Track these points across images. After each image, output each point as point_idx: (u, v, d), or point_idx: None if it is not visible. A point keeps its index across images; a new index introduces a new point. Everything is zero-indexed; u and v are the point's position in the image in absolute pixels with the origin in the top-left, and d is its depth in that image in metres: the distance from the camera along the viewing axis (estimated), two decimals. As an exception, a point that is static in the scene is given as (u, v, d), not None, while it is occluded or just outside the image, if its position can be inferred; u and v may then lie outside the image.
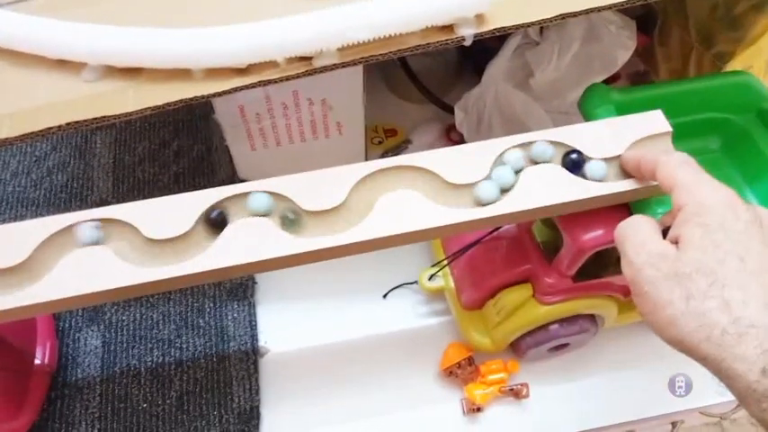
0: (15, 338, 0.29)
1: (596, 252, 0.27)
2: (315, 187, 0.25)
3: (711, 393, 0.33)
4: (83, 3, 0.28)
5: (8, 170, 0.39)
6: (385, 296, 0.36)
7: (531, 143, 0.25)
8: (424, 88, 0.41)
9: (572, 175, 0.25)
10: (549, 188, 0.25)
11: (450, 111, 0.42)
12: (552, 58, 0.40)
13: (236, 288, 0.35)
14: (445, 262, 0.33)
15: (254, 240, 0.24)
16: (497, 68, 0.40)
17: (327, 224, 0.24)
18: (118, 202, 0.25)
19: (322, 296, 0.36)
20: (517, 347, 0.32)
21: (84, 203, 0.37)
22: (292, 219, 0.24)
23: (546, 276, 0.29)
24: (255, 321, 0.34)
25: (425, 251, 0.37)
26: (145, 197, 0.24)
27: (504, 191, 0.25)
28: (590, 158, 0.25)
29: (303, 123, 0.35)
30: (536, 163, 0.25)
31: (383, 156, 0.41)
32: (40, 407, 0.29)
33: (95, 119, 0.25)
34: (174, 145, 0.40)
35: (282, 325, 0.34)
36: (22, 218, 0.35)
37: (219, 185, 0.25)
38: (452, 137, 0.42)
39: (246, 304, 0.34)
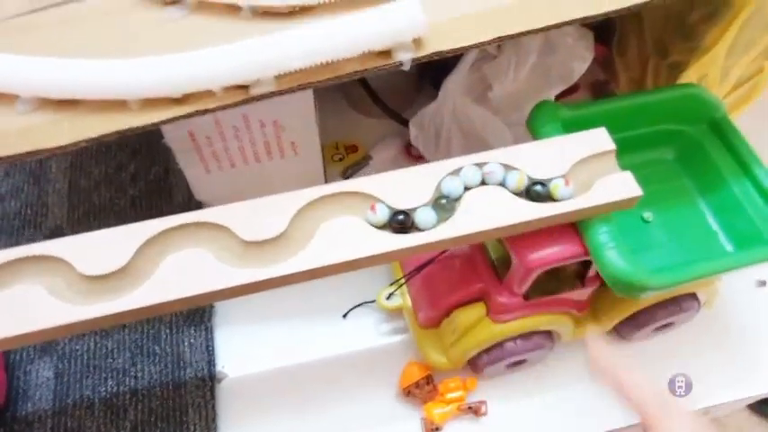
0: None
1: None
2: (255, 216, 0.24)
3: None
4: (15, 31, 0.28)
5: (-40, 198, 0.38)
6: (345, 316, 0.35)
7: (480, 164, 0.25)
8: (382, 104, 0.41)
9: (515, 198, 0.25)
10: (492, 211, 0.24)
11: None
12: (510, 71, 0.40)
13: (194, 313, 0.34)
14: (402, 281, 0.33)
15: (195, 272, 0.23)
16: (455, 83, 0.39)
17: (269, 254, 0.24)
18: (73, 228, 0.24)
19: (281, 318, 0.35)
20: (474, 365, 0.32)
21: (39, 230, 0.37)
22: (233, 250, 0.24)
23: (498, 295, 0.29)
24: (213, 346, 0.33)
25: (384, 270, 0.37)
26: (101, 222, 0.24)
27: (445, 216, 0.25)
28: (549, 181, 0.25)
29: (256, 144, 0.34)
30: (482, 185, 0.25)
31: (344, 172, 0.41)
32: (-12, 444, 0.29)
33: (28, 153, 0.25)
34: (131, 168, 0.39)
35: (241, 349, 0.34)
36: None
37: (177, 209, 0.25)
38: (413, 152, 0.41)
39: (204, 329, 0.34)
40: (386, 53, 0.25)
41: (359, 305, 0.35)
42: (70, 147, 0.25)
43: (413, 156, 0.41)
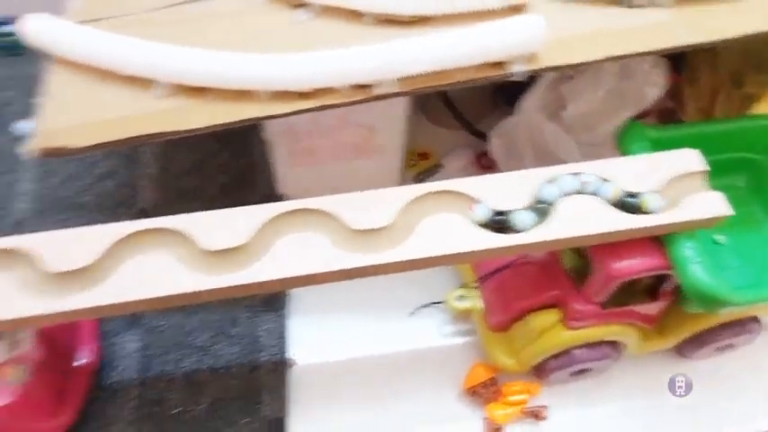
0: (61, 338, 0.31)
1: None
2: (363, 207, 0.26)
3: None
4: (153, 23, 0.30)
5: (59, 176, 0.40)
6: (412, 314, 0.37)
7: (576, 174, 0.27)
8: (459, 115, 0.43)
9: (610, 207, 0.26)
10: (587, 218, 0.26)
11: (482, 138, 0.44)
12: (586, 93, 0.41)
13: (270, 300, 0.36)
14: (474, 284, 0.35)
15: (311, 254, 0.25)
16: (532, 100, 0.41)
17: (375, 243, 0.26)
18: (161, 210, 0.26)
19: (350, 311, 0.37)
20: (540, 370, 0.33)
21: (130, 210, 0.39)
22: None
23: (575, 302, 0.30)
24: (287, 333, 0.35)
25: (452, 272, 0.38)
26: (188, 207, 0.26)
27: (542, 220, 0.26)
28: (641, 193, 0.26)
29: (347, 144, 0.36)
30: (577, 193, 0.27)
31: (417, 178, 0.43)
32: (79, 407, 0.30)
33: (164, 133, 0.27)
34: (219, 158, 0.42)
35: (310, 338, 0.36)
36: (72, 221, 0.37)
37: (260, 199, 0.26)
38: (483, 163, 0.43)
39: (279, 316, 0.35)
40: (500, 64, 0.27)
41: (427, 305, 0.37)
42: (202, 130, 0.27)
43: (483, 166, 0.43)
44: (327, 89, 0.27)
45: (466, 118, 0.43)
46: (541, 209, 0.26)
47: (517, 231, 0.26)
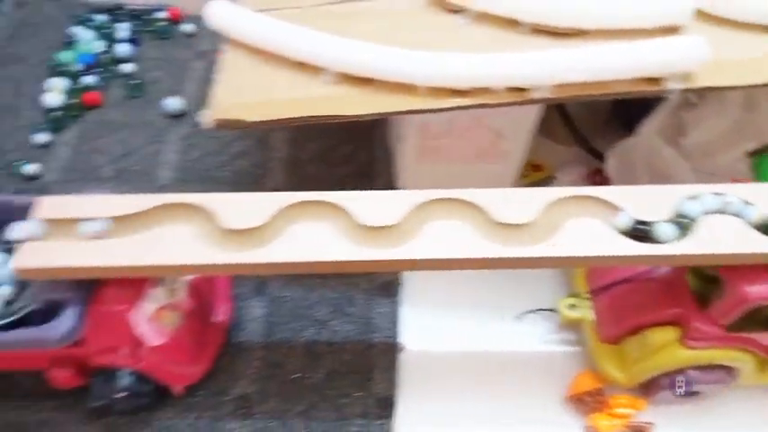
0: (205, 295, 0.33)
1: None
2: (509, 202, 0.27)
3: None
4: (322, 17, 0.33)
5: (199, 150, 0.44)
6: (519, 318, 0.38)
7: (719, 194, 0.27)
8: (576, 131, 0.44)
9: (753, 230, 0.26)
10: (730, 237, 0.26)
11: (596, 155, 0.44)
12: (708, 121, 0.41)
13: (385, 285, 0.38)
14: (586, 294, 0.35)
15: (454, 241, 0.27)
16: (653, 123, 0.42)
17: (517, 237, 0.27)
18: (289, 191, 0.28)
19: (459, 307, 0.38)
20: (650, 387, 0.33)
21: (260, 189, 0.42)
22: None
23: (698, 322, 0.30)
24: (399, 319, 0.37)
25: (560, 280, 0.39)
26: (314, 191, 0.28)
27: (682, 234, 0.27)
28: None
29: (473, 147, 0.38)
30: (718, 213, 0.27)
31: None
32: (213, 359, 0.33)
33: (331, 116, 0.29)
34: (342, 150, 0.44)
35: (420, 327, 0.37)
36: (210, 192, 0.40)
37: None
38: (597, 180, 0.44)
39: (392, 302, 0.37)
40: (656, 80, 0.28)
41: (536, 310, 0.38)
42: (365, 117, 0.29)
43: (596, 183, 0.43)
44: (484, 89, 0.29)
45: (582, 135, 0.44)
46: (683, 223, 0.27)
47: (657, 243, 0.27)
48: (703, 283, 0.32)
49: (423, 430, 0.33)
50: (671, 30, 0.30)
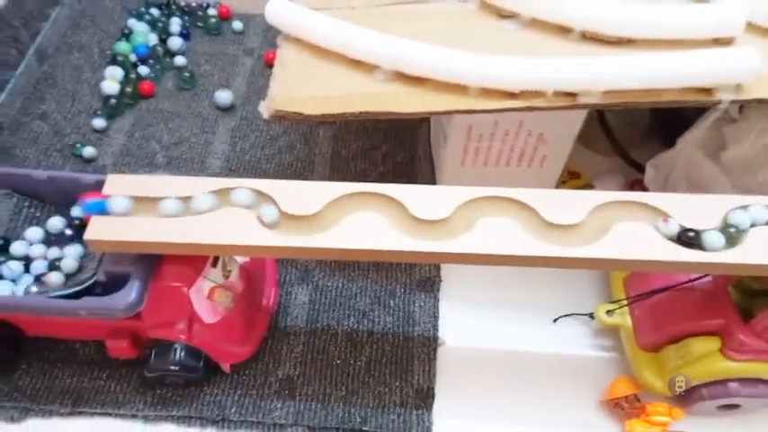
0: (256, 278, 0.35)
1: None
2: (557, 203, 0.28)
3: None
4: (381, 16, 0.34)
5: (247, 142, 0.46)
6: (555, 321, 0.38)
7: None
8: (615, 141, 0.44)
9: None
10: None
11: (635, 166, 0.45)
12: (749, 137, 0.41)
13: (425, 280, 0.39)
14: (625, 301, 0.36)
15: (505, 237, 0.27)
16: (693, 136, 0.42)
17: (565, 237, 0.28)
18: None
19: (496, 306, 0.39)
20: (688, 397, 0.33)
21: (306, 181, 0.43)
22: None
23: (741, 333, 0.30)
24: (438, 314, 0.37)
25: (598, 286, 0.39)
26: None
27: (730, 243, 0.27)
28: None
29: (515, 151, 0.39)
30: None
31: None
32: (260, 340, 0.34)
33: (384, 112, 0.31)
34: (383, 149, 0.45)
35: (458, 323, 0.38)
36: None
37: None
38: (635, 190, 0.44)
39: (432, 297, 0.38)
40: (707, 90, 0.28)
41: (572, 314, 0.38)
42: (417, 115, 0.30)
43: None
44: (534, 92, 0.30)
45: (622, 145, 0.45)
46: (731, 233, 0.27)
47: (705, 250, 0.27)
48: (746, 297, 0.32)
49: (458, 424, 0.34)
50: (723, 42, 0.30)
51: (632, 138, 0.48)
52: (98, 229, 0.27)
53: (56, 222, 0.33)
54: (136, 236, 0.27)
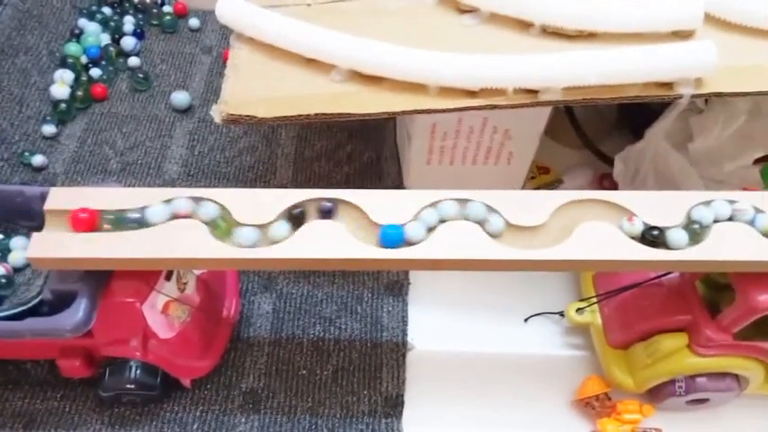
0: (213, 290, 0.33)
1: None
2: (522, 204, 0.27)
3: None
4: (329, 14, 0.33)
5: (206, 145, 0.44)
6: (526, 320, 0.38)
7: (731, 201, 0.27)
8: (584, 135, 0.44)
9: (763, 237, 0.27)
10: (740, 245, 0.26)
11: (604, 159, 0.44)
12: (715, 128, 0.41)
13: (393, 284, 0.38)
14: (595, 299, 0.35)
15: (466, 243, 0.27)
16: (660, 128, 0.42)
17: (528, 239, 0.27)
18: (296, 188, 0.28)
19: (467, 308, 0.38)
20: (657, 393, 0.33)
21: (268, 186, 0.42)
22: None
23: (707, 329, 0.30)
24: (407, 318, 0.37)
25: (568, 284, 0.39)
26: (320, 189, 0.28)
27: (693, 240, 0.27)
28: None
29: (480, 148, 0.38)
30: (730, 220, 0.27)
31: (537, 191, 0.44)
32: (221, 353, 0.33)
33: (340, 114, 0.29)
34: (348, 148, 0.44)
35: (428, 327, 0.37)
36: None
37: None
38: (605, 185, 0.44)
39: (400, 301, 0.37)
40: (667, 85, 0.28)
41: (543, 314, 0.38)
42: (374, 116, 0.29)
43: (605, 188, 0.44)
44: (495, 90, 0.29)
45: (590, 138, 0.44)
46: (695, 230, 0.27)
47: (668, 248, 0.27)
48: (713, 291, 0.32)
49: (429, 430, 0.33)
50: (683, 35, 0.30)
51: (601, 130, 0.48)
52: (40, 246, 0.26)
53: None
54: (81, 252, 0.26)
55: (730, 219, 0.27)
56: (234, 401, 0.33)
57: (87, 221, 0.26)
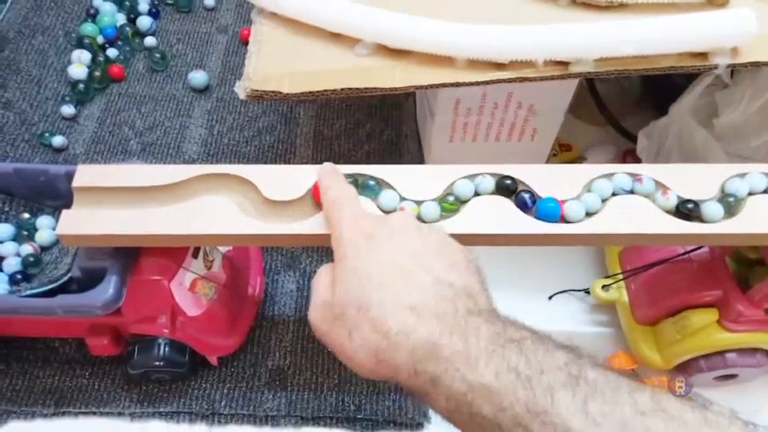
0: (239, 269, 0.33)
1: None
2: (552, 178, 0.27)
3: None
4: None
5: (225, 125, 0.44)
6: (551, 298, 0.38)
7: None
8: (607, 111, 0.43)
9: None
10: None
11: (627, 136, 0.44)
12: (741, 103, 0.41)
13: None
14: (621, 276, 0.35)
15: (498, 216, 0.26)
16: (685, 104, 0.41)
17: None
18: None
19: (491, 284, 0.38)
20: (687, 369, 0.33)
21: (288, 165, 0.42)
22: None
23: (738, 304, 0.30)
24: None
25: (594, 261, 0.39)
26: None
27: (729, 213, 0.26)
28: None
29: (504, 124, 0.37)
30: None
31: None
32: (247, 331, 0.33)
33: (366, 89, 0.29)
34: (367, 127, 0.44)
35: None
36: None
37: None
38: (628, 161, 0.43)
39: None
40: (702, 55, 0.27)
41: (568, 291, 0.37)
42: (401, 90, 0.29)
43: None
44: (524, 62, 0.28)
45: (613, 115, 0.44)
46: (730, 203, 0.26)
47: (703, 221, 0.26)
48: (743, 266, 0.32)
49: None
50: (718, 4, 0.29)
51: (623, 107, 0.47)
52: (70, 223, 0.26)
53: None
54: (110, 228, 0.25)
55: (765, 191, 0.27)
56: (261, 378, 0.33)
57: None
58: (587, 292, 0.37)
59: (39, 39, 0.47)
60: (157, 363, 0.30)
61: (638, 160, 0.42)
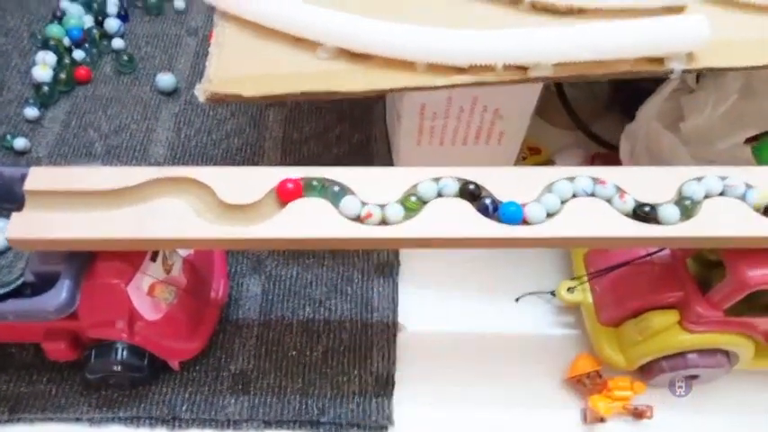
0: (200, 271, 0.33)
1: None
2: (509, 181, 0.27)
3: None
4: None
5: (192, 128, 0.43)
6: (517, 300, 0.38)
7: (723, 177, 0.27)
8: (575, 116, 0.43)
9: (755, 213, 0.26)
10: (732, 220, 0.26)
11: (596, 140, 0.44)
12: (707, 107, 0.41)
13: (383, 265, 0.38)
14: (586, 277, 0.35)
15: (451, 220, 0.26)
16: (651, 108, 0.41)
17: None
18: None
19: (457, 288, 0.38)
20: (648, 370, 0.33)
21: (250, 167, 0.41)
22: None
23: (698, 305, 0.30)
24: (397, 299, 0.36)
25: (559, 263, 0.39)
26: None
27: (685, 216, 0.27)
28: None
29: (471, 128, 0.37)
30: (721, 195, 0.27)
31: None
32: (209, 335, 0.33)
33: (328, 92, 0.29)
34: (337, 130, 0.44)
35: (418, 307, 0.37)
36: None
37: None
38: (597, 164, 0.43)
39: (391, 282, 0.37)
40: (658, 60, 0.27)
41: (534, 293, 0.38)
42: (361, 94, 0.29)
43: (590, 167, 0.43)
44: (484, 66, 0.28)
45: (581, 119, 0.44)
46: (686, 206, 0.27)
47: (660, 224, 0.27)
48: (703, 268, 0.32)
49: (420, 409, 0.33)
50: (675, 10, 0.29)
51: (592, 111, 0.47)
52: (20, 227, 0.25)
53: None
54: (62, 233, 0.25)
55: (722, 194, 0.27)
56: (223, 383, 0.32)
57: (294, 192, 0.26)
58: (553, 294, 0.37)
59: (2, 40, 0.46)
60: (115, 367, 0.29)
61: (605, 164, 0.43)
